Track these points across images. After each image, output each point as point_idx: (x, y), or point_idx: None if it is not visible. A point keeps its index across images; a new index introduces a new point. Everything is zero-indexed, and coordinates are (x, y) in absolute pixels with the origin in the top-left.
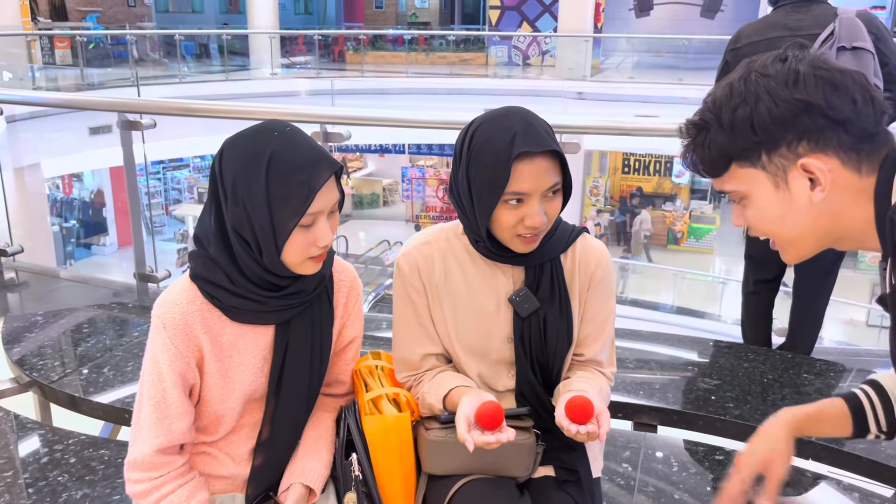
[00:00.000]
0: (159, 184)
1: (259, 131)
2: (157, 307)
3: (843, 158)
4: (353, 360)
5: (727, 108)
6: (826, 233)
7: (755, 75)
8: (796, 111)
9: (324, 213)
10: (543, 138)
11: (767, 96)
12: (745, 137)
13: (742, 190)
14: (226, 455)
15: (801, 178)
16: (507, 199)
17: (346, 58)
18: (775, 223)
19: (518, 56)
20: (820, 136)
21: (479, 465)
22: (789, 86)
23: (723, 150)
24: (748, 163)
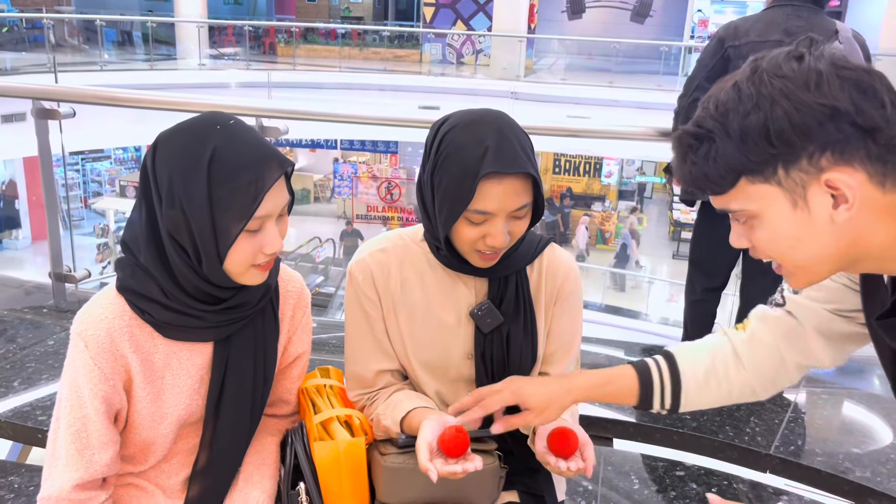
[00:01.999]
0: (78, 176)
1: (199, 124)
2: (79, 323)
3: (869, 172)
4: (298, 378)
5: (736, 113)
6: (844, 255)
7: (767, 76)
8: (821, 118)
9: (272, 217)
10: (517, 158)
11: (786, 101)
12: (758, 149)
13: (752, 209)
14: (156, 486)
15: (822, 194)
16: (469, 216)
17: (278, 50)
18: (790, 246)
19: (452, 54)
20: (846, 147)
21: (439, 494)
22: (811, 89)
23: (731, 163)
24: (761, 178)
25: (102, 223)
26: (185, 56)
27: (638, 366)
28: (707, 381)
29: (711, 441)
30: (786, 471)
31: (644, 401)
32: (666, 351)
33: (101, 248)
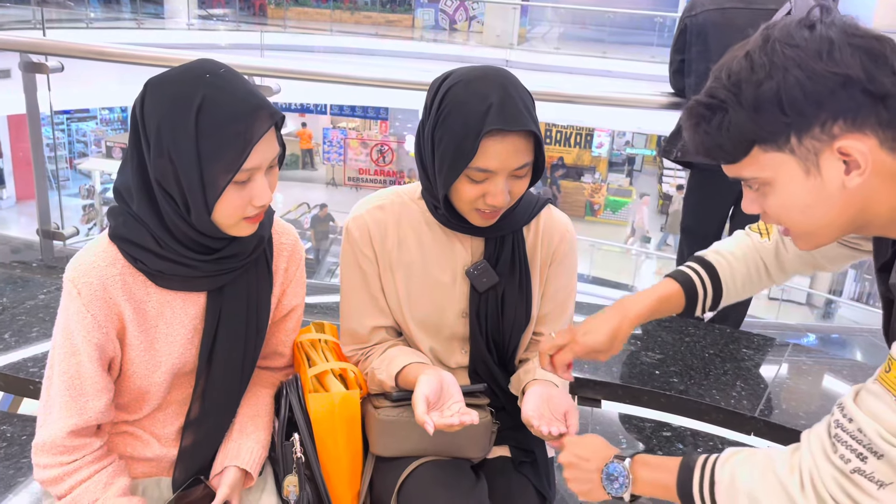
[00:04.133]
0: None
1: (188, 71)
2: (71, 270)
3: (880, 138)
4: (293, 331)
5: (749, 83)
6: (852, 220)
7: (780, 45)
8: (833, 86)
9: (261, 170)
10: (521, 115)
11: (798, 70)
12: (771, 118)
13: (765, 176)
14: (150, 435)
15: (834, 161)
16: (470, 173)
17: (268, 12)
18: (801, 212)
19: (445, 20)
20: (858, 114)
21: (432, 447)
22: (823, 57)
23: (744, 132)
24: (774, 146)
25: (88, 184)
26: (173, 15)
27: (684, 284)
28: (743, 285)
29: (698, 404)
30: (769, 433)
31: (688, 313)
32: (705, 261)
33: (87, 210)
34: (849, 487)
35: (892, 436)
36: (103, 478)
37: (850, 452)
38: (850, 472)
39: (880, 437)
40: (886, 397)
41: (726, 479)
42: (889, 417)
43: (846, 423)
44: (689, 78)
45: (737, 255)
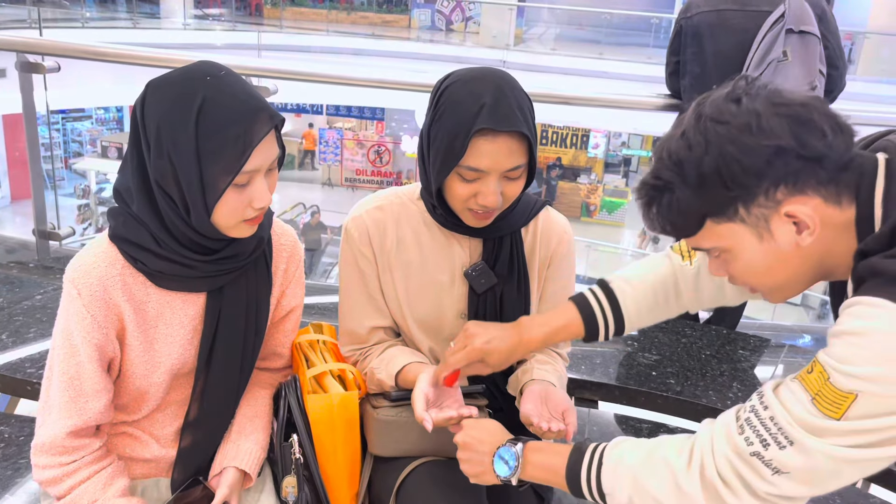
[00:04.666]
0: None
1: (189, 73)
2: (71, 271)
3: (823, 195)
4: (292, 332)
5: (689, 162)
6: (815, 272)
7: (710, 123)
8: (767, 157)
9: (261, 172)
10: (512, 116)
11: (732, 146)
12: (716, 192)
13: (722, 245)
14: (149, 436)
15: (784, 224)
16: (461, 172)
17: (265, 12)
18: (764, 274)
19: (441, 21)
20: (797, 178)
21: (430, 447)
22: (752, 130)
23: (693, 209)
24: (725, 218)
25: (83, 184)
26: (169, 15)
27: (582, 310)
28: (648, 311)
29: (695, 405)
30: None
31: (591, 336)
32: (607, 287)
33: (82, 209)
34: (742, 468)
35: (802, 428)
36: (102, 478)
37: (755, 436)
38: (749, 454)
39: (791, 426)
40: (802, 395)
41: (613, 460)
42: (801, 413)
43: (761, 410)
44: (683, 79)
45: (646, 282)
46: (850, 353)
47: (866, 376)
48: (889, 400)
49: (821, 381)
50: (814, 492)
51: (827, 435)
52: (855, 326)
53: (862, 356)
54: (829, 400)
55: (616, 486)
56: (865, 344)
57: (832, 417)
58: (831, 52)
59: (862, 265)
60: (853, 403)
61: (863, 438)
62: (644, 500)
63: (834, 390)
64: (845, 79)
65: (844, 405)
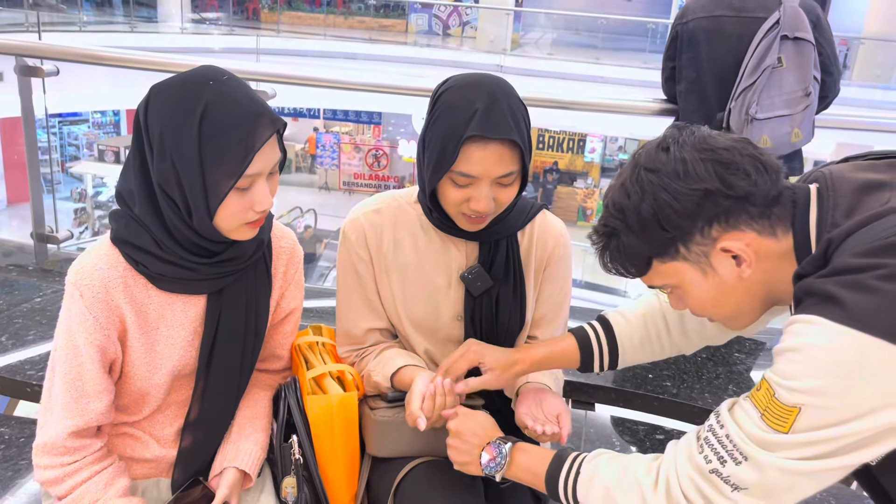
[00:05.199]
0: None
1: (192, 78)
2: (73, 273)
3: (756, 229)
4: (291, 334)
5: (629, 210)
6: (765, 299)
7: (644, 172)
8: (697, 200)
9: (263, 175)
10: (504, 124)
11: (664, 193)
12: (656, 235)
13: (672, 283)
14: (150, 436)
15: (724, 259)
16: (453, 177)
17: (262, 16)
18: (713, 305)
19: (438, 25)
20: (728, 216)
21: (428, 447)
22: (681, 176)
23: (638, 251)
24: (668, 257)
25: (80, 187)
26: (166, 19)
27: (580, 338)
28: (641, 345)
29: (691, 407)
30: None
31: (585, 367)
32: (604, 318)
33: (79, 213)
34: (704, 486)
35: (754, 443)
36: (103, 478)
37: (713, 454)
38: (709, 472)
39: (744, 443)
40: (753, 412)
41: (589, 472)
42: (752, 429)
43: (717, 429)
44: (680, 85)
45: (637, 316)
46: (790, 369)
47: (806, 390)
48: (829, 412)
49: (768, 397)
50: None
51: (777, 449)
52: (794, 343)
53: (801, 371)
54: (776, 415)
55: (589, 497)
56: (803, 359)
57: (780, 431)
58: (826, 59)
59: (798, 287)
60: (798, 416)
61: (811, 450)
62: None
63: (779, 405)
64: (839, 84)
65: (790, 419)
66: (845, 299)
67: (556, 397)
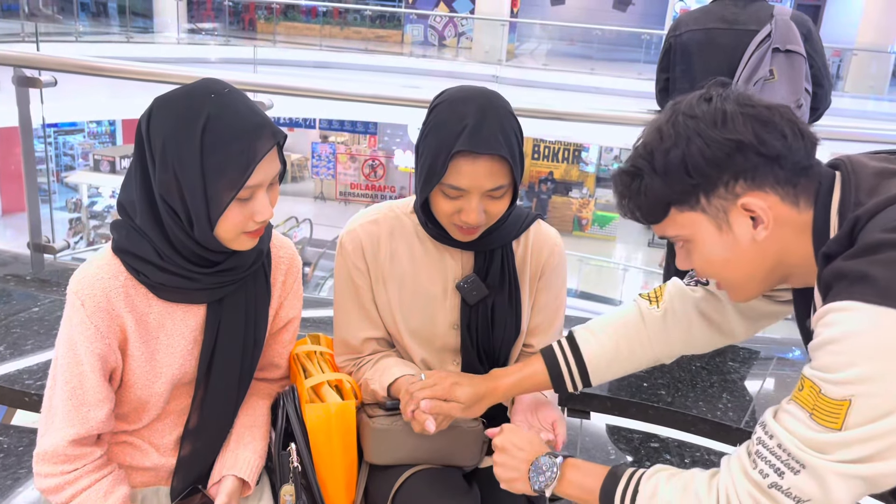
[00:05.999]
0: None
1: (194, 91)
2: (75, 282)
3: (780, 194)
4: (290, 343)
5: (659, 152)
6: (772, 271)
7: (682, 117)
8: (729, 150)
9: (263, 186)
10: (493, 139)
11: (698, 138)
12: (680, 181)
13: (685, 234)
14: (149, 445)
15: (742, 217)
16: (444, 189)
17: (258, 27)
18: (721, 266)
19: (434, 36)
20: (756, 174)
21: (425, 455)
22: (718, 125)
23: (659, 195)
24: (687, 206)
25: (75, 197)
26: (162, 30)
27: (548, 360)
28: (613, 359)
29: (685, 416)
30: None
31: (558, 389)
32: (571, 337)
33: (74, 223)
34: (765, 502)
35: (808, 447)
36: (103, 487)
37: (769, 468)
38: (768, 486)
39: (799, 450)
40: (801, 413)
41: (649, 490)
42: (804, 432)
43: (767, 440)
44: (673, 95)
45: (609, 332)
46: (833, 361)
47: (853, 379)
48: (882, 399)
49: (814, 395)
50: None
51: (833, 450)
52: (832, 334)
53: (844, 361)
54: (826, 412)
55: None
56: (845, 349)
57: (833, 429)
58: (817, 71)
59: (827, 271)
60: (849, 410)
61: (868, 447)
62: None
63: (828, 401)
64: (830, 97)
65: (842, 413)
66: (880, 278)
67: (550, 405)
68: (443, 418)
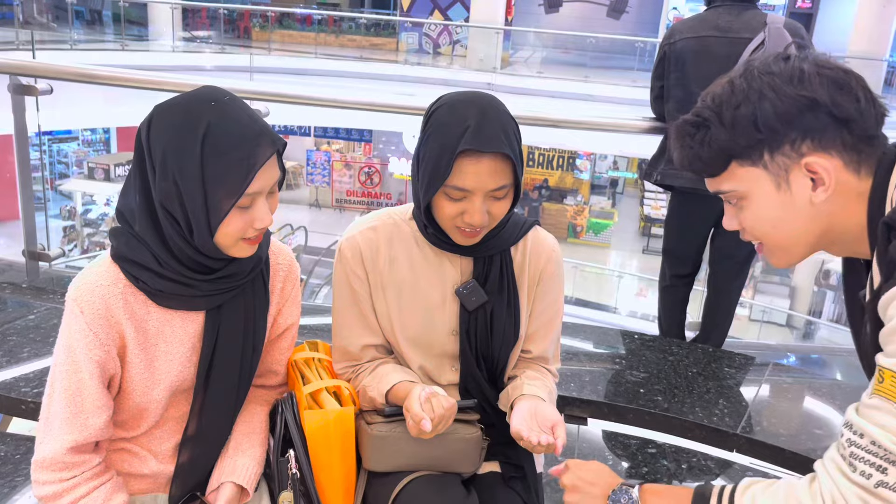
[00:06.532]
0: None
1: (194, 99)
2: (74, 290)
3: (845, 159)
4: (288, 349)
5: (728, 105)
6: (820, 237)
7: (758, 72)
8: (801, 108)
9: (263, 194)
10: (496, 138)
11: (772, 93)
12: (747, 135)
13: (741, 190)
14: (148, 452)
15: (803, 177)
16: (448, 191)
17: (253, 35)
18: (772, 225)
19: (429, 44)
20: (824, 135)
21: (423, 461)
22: (794, 83)
23: (723, 147)
24: (749, 161)
25: (69, 205)
26: (157, 37)
27: None
28: None
29: (682, 421)
30: (751, 450)
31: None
32: None
33: (68, 231)
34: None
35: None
36: (102, 494)
37: (870, 467)
38: (874, 486)
39: (893, 443)
40: (887, 406)
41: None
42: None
43: (858, 440)
44: (668, 103)
45: None
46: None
47: None
48: None
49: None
50: None
51: None
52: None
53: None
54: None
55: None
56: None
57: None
58: None
59: (894, 247)
60: None
61: None
62: None
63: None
64: None
65: None
66: None
67: (550, 408)
68: (439, 419)
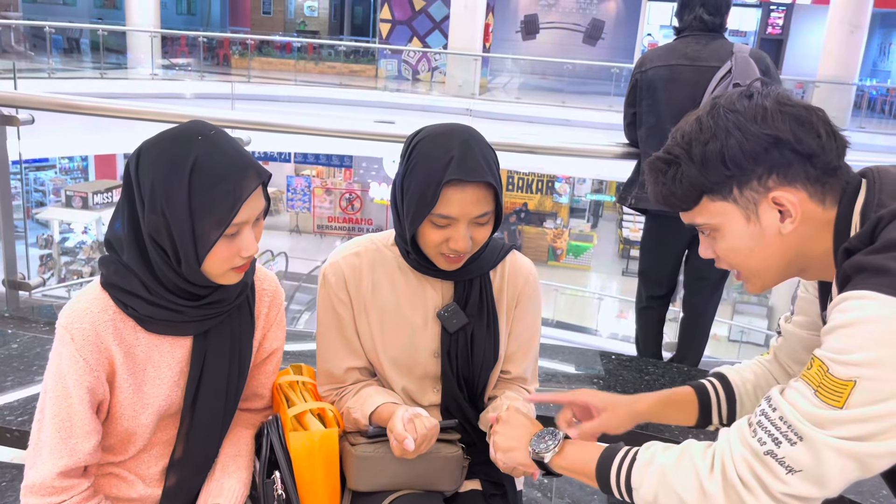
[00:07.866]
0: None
1: (182, 134)
2: (65, 317)
3: (810, 191)
4: (273, 373)
5: (698, 142)
6: (791, 263)
7: (723, 111)
8: (766, 145)
9: (249, 223)
10: (479, 167)
11: (738, 131)
12: (716, 171)
13: (714, 223)
14: (135, 476)
15: (771, 210)
16: (433, 219)
17: (232, 62)
18: (745, 255)
19: (408, 70)
20: (789, 170)
21: (406, 481)
22: (758, 121)
23: (694, 183)
24: (720, 196)
25: (46, 234)
26: (135, 65)
27: (698, 390)
28: (755, 392)
29: (658, 439)
30: None
31: (703, 415)
32: (717, 372)
33: (45, 259)
34: (758, 468)
35: (809, 421)
36: None
37: (768, 436)
38: (763, 454)
39: (799, 422)
40: (806, 390)
41: (646, 458)
42: (807, 407)
43: (770, 412)
44: (640, 130)
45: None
46: (844, 344)
47: (862, 362)
48: (885, 384)
49: (821, 373)
50: (824, 493)
51: (831, 426)
52: (846, 319)
53: (856, 344)
54: (830, 390)
55: (644, 481)
56: (858, 333)
57: (835, 406)
58: None
59: (848, 263)
60: (853, 390)
61: (865, 427)
62: (669, 497)
63: (834, 380)
64: None
65: (845, 393)
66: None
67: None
68: (422, 439)
